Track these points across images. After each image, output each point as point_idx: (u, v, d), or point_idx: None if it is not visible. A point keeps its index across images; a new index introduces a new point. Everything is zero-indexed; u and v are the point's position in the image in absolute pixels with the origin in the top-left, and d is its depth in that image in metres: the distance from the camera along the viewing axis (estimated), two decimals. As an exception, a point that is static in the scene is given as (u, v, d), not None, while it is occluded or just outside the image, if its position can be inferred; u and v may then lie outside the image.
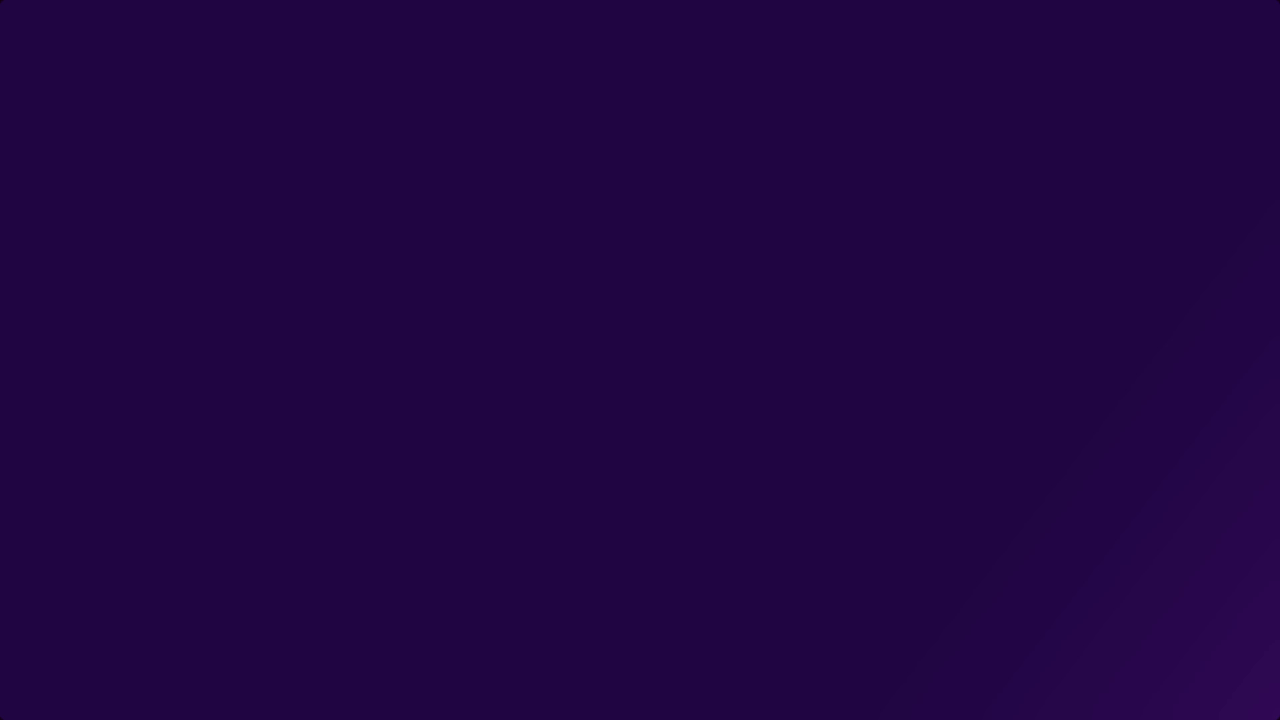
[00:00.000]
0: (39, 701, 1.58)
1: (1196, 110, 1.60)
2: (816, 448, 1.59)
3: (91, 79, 1.61)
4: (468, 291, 1.60)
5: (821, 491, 1.58)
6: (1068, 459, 1.58)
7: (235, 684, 1.58)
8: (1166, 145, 1.60)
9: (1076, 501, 1.58)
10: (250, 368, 1.59)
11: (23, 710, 1.58)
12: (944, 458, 1.58)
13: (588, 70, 1.61)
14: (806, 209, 1.60)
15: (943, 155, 1.60)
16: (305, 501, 1.59)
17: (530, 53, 1.61)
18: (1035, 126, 1.60)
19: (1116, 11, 1.61)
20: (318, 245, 1.60)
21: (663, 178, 1.61)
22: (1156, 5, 1.61)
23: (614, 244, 1.60)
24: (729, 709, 1.57)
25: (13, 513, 1.59)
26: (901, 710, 1.57)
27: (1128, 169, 1.60)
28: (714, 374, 1.59)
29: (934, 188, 1.60)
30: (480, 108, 1.61)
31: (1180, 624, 1.58)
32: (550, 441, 1.59)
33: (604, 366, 1.60)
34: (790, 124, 1.61)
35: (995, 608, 1.58)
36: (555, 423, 1.59)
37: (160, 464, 1.59)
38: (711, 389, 1.59)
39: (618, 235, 1.60)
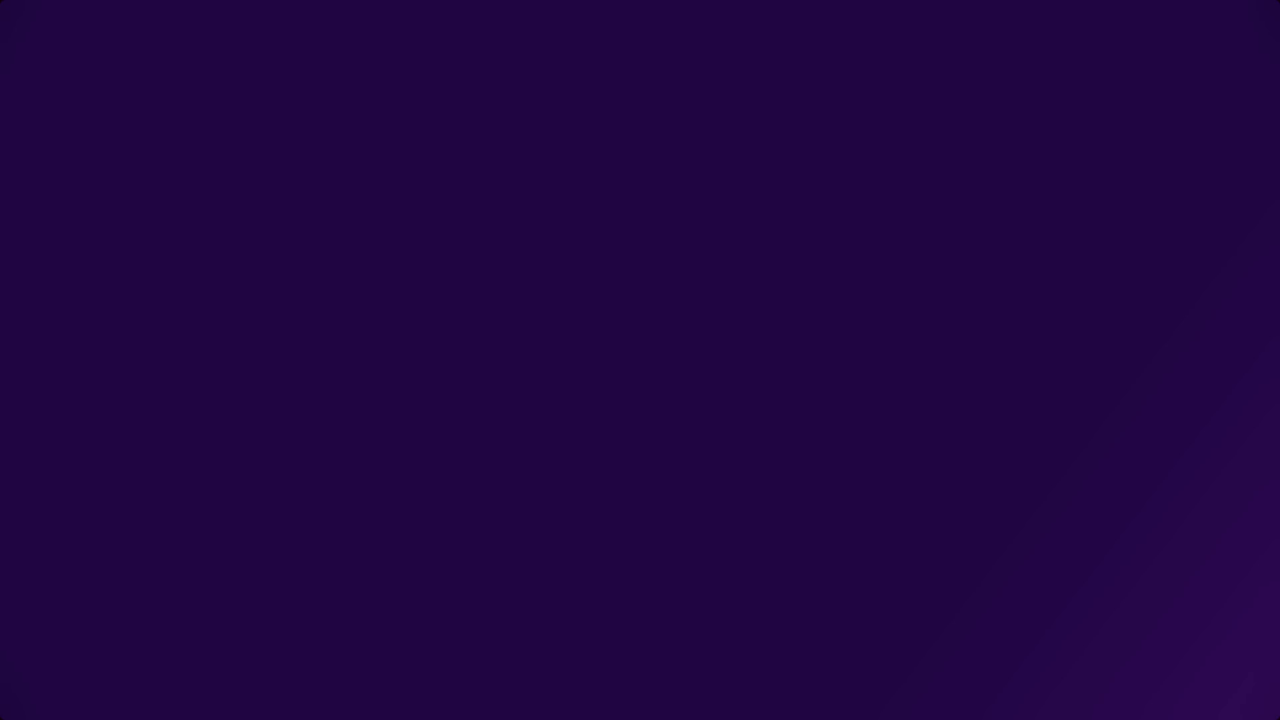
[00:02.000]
0: (39, 701, 1.58)
1: (1195, 110, 1.60)
2: (816, 447, 1.59)
3: (91, 79, 1.61)
4: (467, 291, 1.60)
5: (821, 491, 1.58)
6: (1068, 459, 1.58)
7: (235, 684, 1.58)
8: (1166, 145, 1.60)
9: (1076, 501, 1.58)
10: (251, 367, 1.60)
11: (23, 710, 1.58)
12: (944, 458, 1.58)
13: (587, 70, 1.61)
14: (806, 209, 1.60)
15: (942, 155, 1.60)
16: (306, 501, 1.59)
17: (530, 53, 1.62)
18: (1035, 126, 1.60)
19: (1116, 12, 1.61)
20: (318, 245, 1.60)
21: (662, 178, 1.61)
22: (1156, 5, 1.61)
23: (614, 244, 1.60)
24: (729, 709, 1.58)
25: (14, 513, 1.59)
26: (901, 710, 1.58)
27: (1127, 169, 1.60)
28: (713, 374, 1.59)
29: (934, 188, 1.60)
30: (480, 108, 1.61)
31: (1180, 624, 1.58)
32: (550, 441, 1.59)
33: (604, 366, 1.60)
34: (790, 124, 1.61)
35: (995, 608, 1.58)
36: (555, 422, 1.59)
37: (161, 464, 1.59)
38: (711, 389, 1.59)
39: (617, 235, 1.61)
